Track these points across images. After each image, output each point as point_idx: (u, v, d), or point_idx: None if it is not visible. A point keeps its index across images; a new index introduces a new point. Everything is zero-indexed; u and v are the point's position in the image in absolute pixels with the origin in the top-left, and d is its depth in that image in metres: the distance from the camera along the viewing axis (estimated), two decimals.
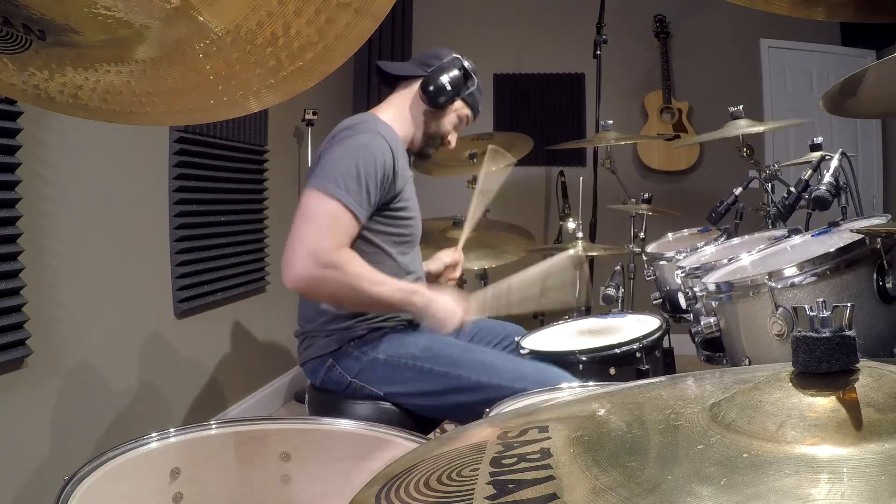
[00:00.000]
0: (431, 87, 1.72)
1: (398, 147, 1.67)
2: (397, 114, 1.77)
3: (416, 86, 1.76)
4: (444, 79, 1.72)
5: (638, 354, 1.63)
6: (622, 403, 0.58)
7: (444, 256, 2.01)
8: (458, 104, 1.79)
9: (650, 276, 2.16)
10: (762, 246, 1.58)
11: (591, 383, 1.46)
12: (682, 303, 1.66)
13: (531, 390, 1.45)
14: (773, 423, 0.43)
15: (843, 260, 1.13)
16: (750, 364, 1.24)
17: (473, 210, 2.04)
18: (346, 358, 1.63)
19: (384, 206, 1.63)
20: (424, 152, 1.86)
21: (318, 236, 1.49)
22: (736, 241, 1.94)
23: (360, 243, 1.60)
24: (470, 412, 1.54)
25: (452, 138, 1.84)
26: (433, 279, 1.98)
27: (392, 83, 1.83)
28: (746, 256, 1.53)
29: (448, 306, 1.65)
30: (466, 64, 1.75)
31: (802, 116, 3.82)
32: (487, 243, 2.84)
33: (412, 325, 1.74)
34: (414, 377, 1.59)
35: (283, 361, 3.51)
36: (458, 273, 2.03)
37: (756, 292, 1.20)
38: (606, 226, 3.80)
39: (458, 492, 0.44)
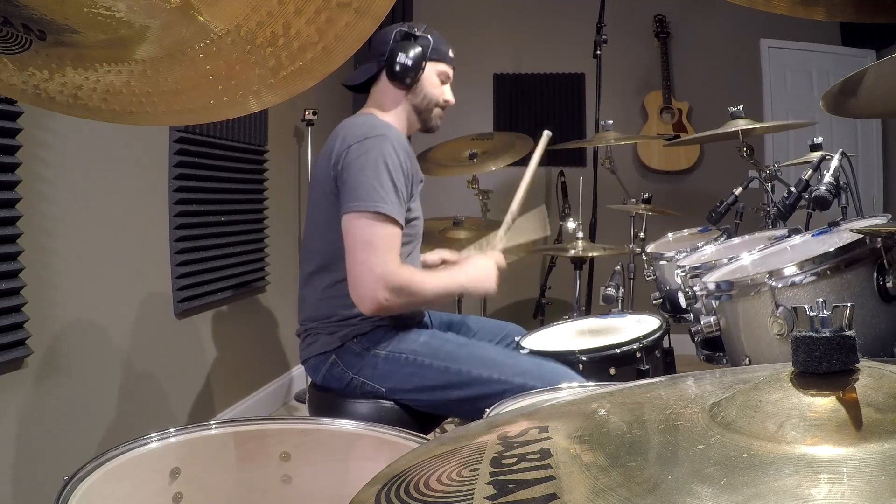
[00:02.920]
0: (397, 71, 1.71)
1: (409, 148, 1.70)
2: (384, 109, 1.78)
3: (383, 77, 1.76)
4: (401, 58, 1.71)
5: (638, 354, 1.64)
6: (622, 403, 0.58)
7: (444, 254, 2.03)
8: (429, 66, 1.77)
9: (650, 276, 2.16)
10: (762, 246, 1.58)
11: (591, 383, 1.46)
12: (682, 303, 1.66)
13: (531, 385, 1.46)
14: (773, 423, 0.43)
15: (844, 259, 1.13)
16: (750, 363, 1.24)
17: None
18: (349, 354, 1.63)
19: None
20: (430, 126, 1.85)
21: (383, 261, 1.53)
22: (736, 240, 1.94)
23: None
24: (470, 408, 1.55)
25: (448, 95, 1.83)
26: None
27: (365, 89, 1.84)
28: (747, 256, 1.53)
29: (484, 269, 1.74)
30: (409, 29, 1.74)
31: (802, 116, 3.83)
32: (487, 243, 2.83)
33: (414, 322, 1.74)
34: (414, 372, 1.59)
35: (283, 361, 3.51)
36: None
37: (756, 291, 1.20)
38: (606, 226, 3.80)
39: (458, 492, 0.44)
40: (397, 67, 1.71)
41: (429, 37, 1.75)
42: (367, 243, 1.53)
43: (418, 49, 1.72)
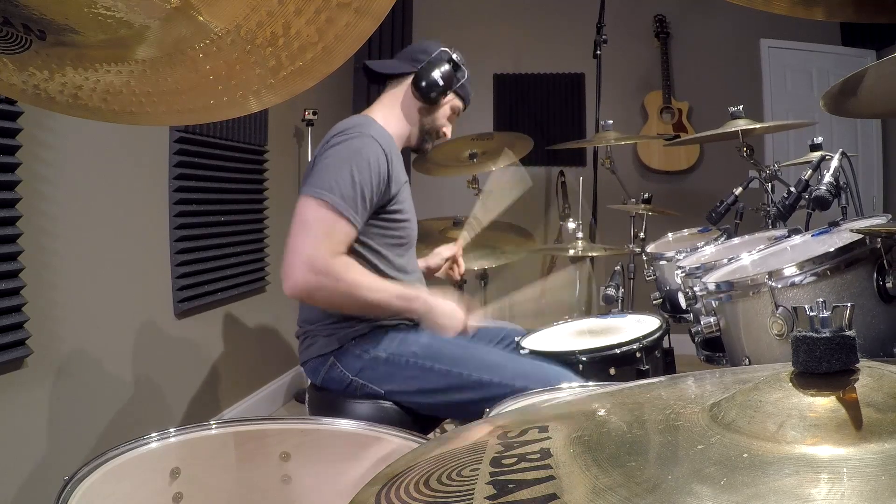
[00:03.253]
0: (423, 83, 1.72)
1: (392, 150, 1.67)
2: (390, 113, 1.77)
3: (406, 82, 1.76)
4: (436, 74, 1.71)
5: (638, 354, 1.63)
6: (622, 403, 0.58)
7: (444, 251, 2.02)
8: (450, 96, 1.79)
9: (650, 276, 2.16)
10: (762, 246, 1.58)
11: (591, 383, 1.46)
12: (682, 303, 1.66)
13: (532, 388, 1.46)
14: (773, 423, 0.43)
15: (844, 259, 1.13)
16: (750, 364, 1.24)
17: (478, 213, 2.03)
18: (348, 356, 1.63)
19: (379, 210, 1.64)
20: (422, 147, 1.86)
21: (313, 244, 1.49)
22: (736, 241, 1.94)
23: (356, 246, 1.61)
24: (470, 410, 1.54)
25: (448, 130, 1.85)
26: (432, 274, 1.99)
27: (381, 81, 1.83)
28: (747, 256, 1.53)
29: (450, 312, 1.65)
30: (455, 56, 1.75)
31: (802, 116, 3.83)
32: (487, 243, 2.84)
33: (414, 324, 1.74)
34: (415, 375, 1.59)
35: (283, 361, 3.51)
36: (461, 271, 2.03)
37: (756, 292, 1.20)
38: (606, 226, 3.80)
39: (458, 492, 0.44)
40: (428, 82, 1.71)
41: (466, 71, 1.78)
42: (305, 226, 1.51)
43: (454, 74, 1.74)
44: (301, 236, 1.50)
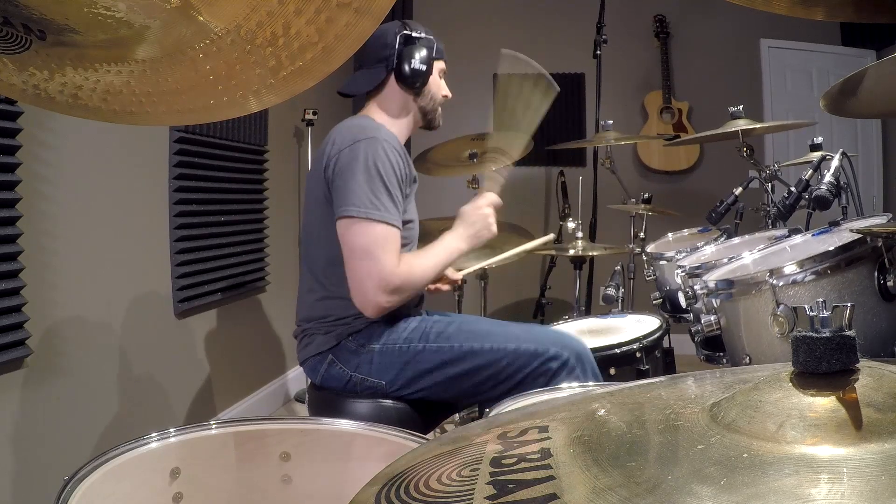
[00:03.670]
0: (408, 77, 1.70)
1: (402, 149, 1.68)
2: (387, 112, 1.77)
3: (389, 81, 1.74)
4: (414, 63, 1.70)
5: (638, 354, 1.64)
6: (622, 403, 0.58)
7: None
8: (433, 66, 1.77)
9: (650, 276, 2.16)
10: (762, 245, 1.58)
11: (591, 383, 1.46)
12: (683, 302, 1.66)
13: (524, 348, 1.48)
14: (773, 423, 0.43)
15: (845, 258, 1.13)
16: (751, 362, 1.24)
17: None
18: (345, 352, 1.63)
19: None
20: (433, 124, 1.86)
21: (379, 267, 1.53)
22: (736, 240, 1.94)
23: None
24: (469, 383, 1.58)
25: (445, 90, 1.84)
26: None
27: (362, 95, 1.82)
28: (748, 255, 1.53)
29: (478, 221, 1.73)
30: (410, 32, 1.72)
31: (802, 116, 3.83)
32: (487, 243, 2.83)
33: (404, 312, 1.73)
34: (409, 359, 1.60)
35: (283, 361, 3.51)
36: (445, 287, 2.00)
37: (757, 290, 1.20)
38: (606, 226, 3.80)
39: (458, 492, 0.44)
40: (409, 72, 1.69)
41: (431, 37, 1.75)
42: (364, 251, 1.54)
43: (425, 52, 1.72)
44: (365, 262, 1.54)
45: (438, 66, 1.80)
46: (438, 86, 1.81)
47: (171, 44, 0.65)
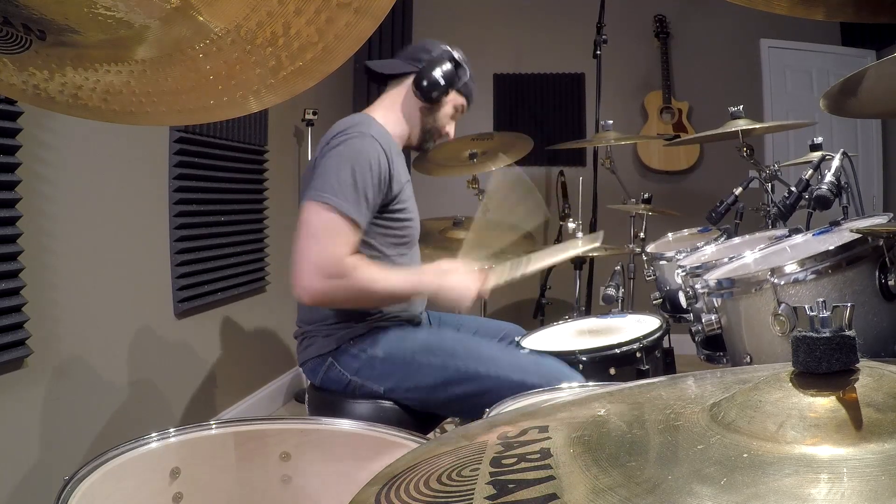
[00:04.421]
0: (425, 83, 1.71)
1: (392, 149, 1.66)
2: (391, 112, 1.76)
3: (408, 82, 1.75)
4: (437, 73, 1.71)
5: (638, 354, 1.63)
6: (622, 403, 0.58)
7: (443, 265, 2.01)
8: (453, 95, 1.78)
9: (650, 276, 2.16)
10: (763, 245, 1.58)
11: (591, 383, 1.46)
12: (683, 302, 1.66)
13: (529, 381, 1.46)
14: (773, 423, 0.43)
15: (846, 257, 1.13)
16: (751, 362, 1.24)
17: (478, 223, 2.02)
18: (346, 356, 1.63)
19: (382, 209, 1.63)
20: (424, 147, 1.86)
21: (320, 249, 1.50)
22: (736, 240, 1.94)
23: (359, 246, 1.61)
24: (469, 404, 1.55)
25: (451, 129, 1.84)
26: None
27: (382, 81, 1.82)
28: (749, 254, 1.53)
29: (460, 283, 1.65)
30: (457, 55, 1.74)
31: (802, 116, 3.83)
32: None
33: (411, 323, 1.74)
34: (412, 372, 1.59)
35: (283, 361, 3.51)
36: None
37: (759, 288, 1.20)
38: (606, 226, 3.78)
39: (458, 492, 0.43)
40: (429, 82, 1.70)
41: (468, 69, 1.77)
42: (311, 232, 1.51)
43: (456, 73, 1.73)
44: (308, 243, 1.51)
45: (458, 100, 1.80)
46: (447, 117, 1.81)
47: (171, 44, 0.65)
